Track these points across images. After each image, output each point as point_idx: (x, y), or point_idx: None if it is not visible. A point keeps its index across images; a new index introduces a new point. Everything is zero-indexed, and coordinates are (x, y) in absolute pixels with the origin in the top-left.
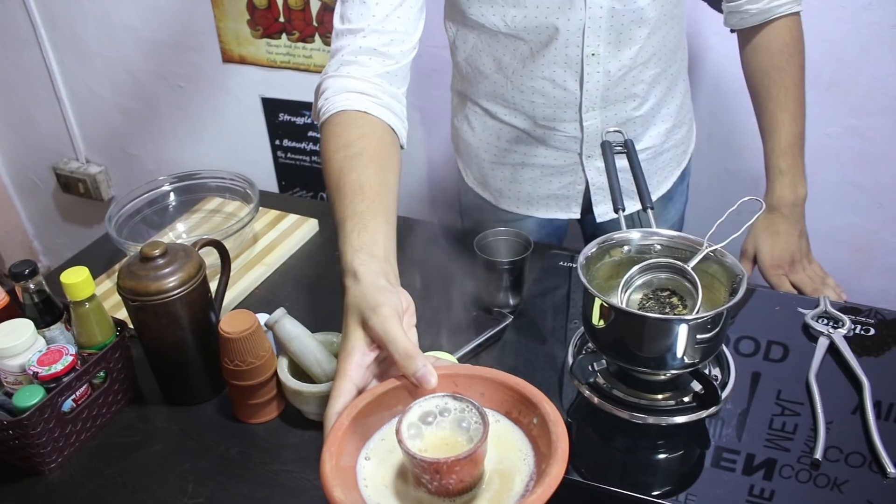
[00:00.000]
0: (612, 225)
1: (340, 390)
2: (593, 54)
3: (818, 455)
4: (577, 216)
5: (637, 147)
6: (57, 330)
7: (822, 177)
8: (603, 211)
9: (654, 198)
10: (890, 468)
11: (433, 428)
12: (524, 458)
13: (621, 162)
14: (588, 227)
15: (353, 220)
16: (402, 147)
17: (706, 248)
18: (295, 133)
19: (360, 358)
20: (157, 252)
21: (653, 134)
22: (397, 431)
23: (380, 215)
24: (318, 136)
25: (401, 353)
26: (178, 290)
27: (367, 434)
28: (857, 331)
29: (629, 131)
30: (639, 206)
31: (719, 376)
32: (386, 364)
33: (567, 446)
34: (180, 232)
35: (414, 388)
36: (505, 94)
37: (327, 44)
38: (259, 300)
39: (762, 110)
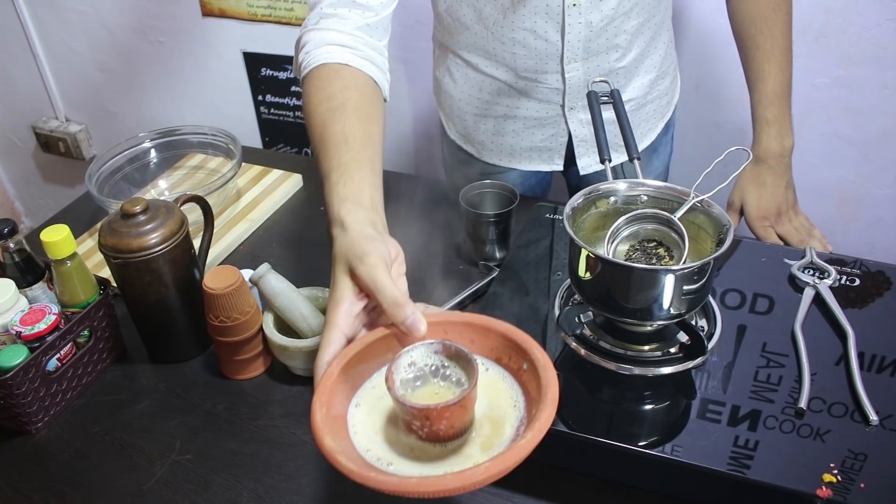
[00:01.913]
0: (597, 177)
1: (329, 340)
2: (574, 4)
3: (802, 405)
4: (560, 168)
5: None
6: (39, 289)
7: (809, 129)
8: (587, 163)
9: (641, 146)
10: (872, 416)
11: (423, 375)
12: (514, 405)
13: (606, 114)
14: (572, 179)
15: (338, 171)
16: (385, 100)
17: (693, 198)
18: (278, 88)
19: (348, 307)
20: (138, 208)
21: (636, 85)
22: (387, 378)
23: (365, 165)
24: (301, 91)
25: (389, 302)
26: (161, 247)
27: (357, 383)
28: (842, 281)
29: (612, 83)
30: (623, 159)
31: (706, 327)
32: (375, 314)
33: (557, 391)
34: (162, 189)
35: (403, 337)
36: (486, 45)
37: None
38: (243, 256)
39: (748, 60)
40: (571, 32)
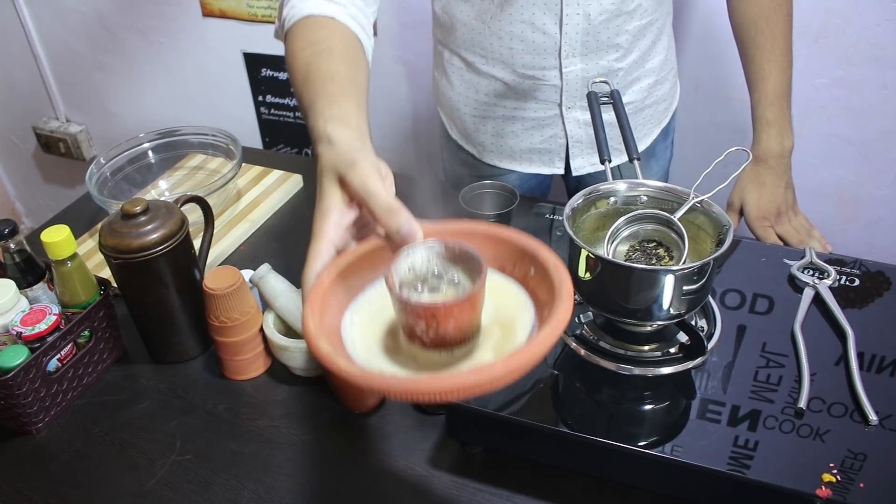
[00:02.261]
0: (591, 180)
1: (318, 251)
2: None
3: (802, 405)
4: (561, 171)
5: None
6: (40, 290)
7: (808, 129)
8: (580, 164)
9: (642, 147)
10: (872, 416)
11: (424, 278)
12: (523, 310)
13: (605, 115)
14: (572, 182)
15: (323, 101)
16: (368, 63)
17: (693, 198)
18: (278, 89)
19: (337, 218)
20: (138, 209)
21: (635, 89)
22: (387, 279)
23: (352, 99)
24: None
25: (382, 208)
26: (161, 247)
27: (350, 296)
28: (842, 281)
29: (612, 85)
30: (621, 161)
31: (705, 327)
32: (366, 230)
33: (571, 288)
34: (163, 189)
35: (398, 247)
36: (483, 41)
37: None
38: (244, 257)
39: (749, 60)
40: (569, 24)
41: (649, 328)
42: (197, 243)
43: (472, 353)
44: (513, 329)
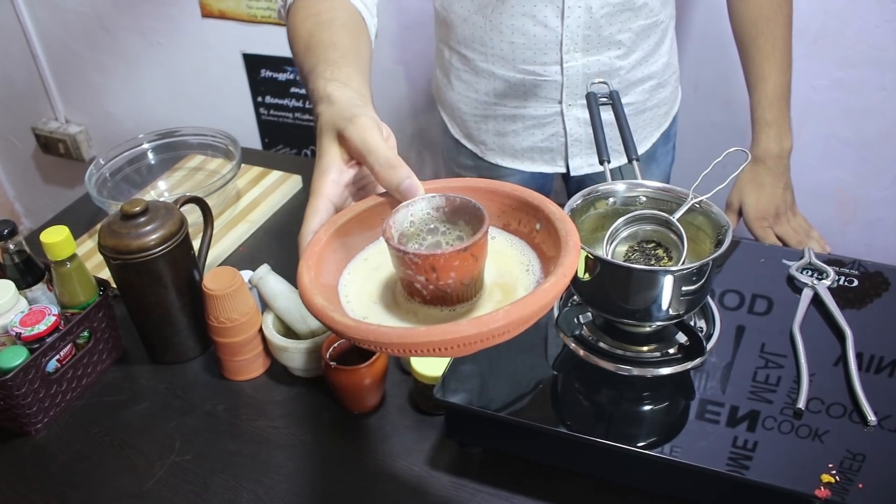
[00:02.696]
0: (590, 180)
1: (316, 208)
2: None
3: (801, 405)
4: (563, 169)
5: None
6: (39, 290)
7: (807, 130)
8: (578, 164)
9: (641, 150)
10: (871, 417)
11: (424, 232)
12: (527, 269)
13: (604, 115)
14: (572, 185)
15: (324, 64)
16: (371, 41)
17: (691, 199)
18: (277, 89)
19: (336, 175)
20: (137, 209)
21: (637, 90)
22: (384, 231)
23: (353, 65)
24: (302, 91)
25: (382, 164)
26: (160, 248)
27: (349, 254)
28: (840, 282)
29: (612, 84)
30: (621, 163)
31: (704, 328)
32: (366, 190)
33: (578, 240)
34: (162, 190)
35: (398, 204)
36: (483, 36)
37: None
38: (243, 257)
39: (749, 61)
40: (571, 17)
41: (648, 329)
42: (196, 244)
43: (472, 313)
44: (514, 291)
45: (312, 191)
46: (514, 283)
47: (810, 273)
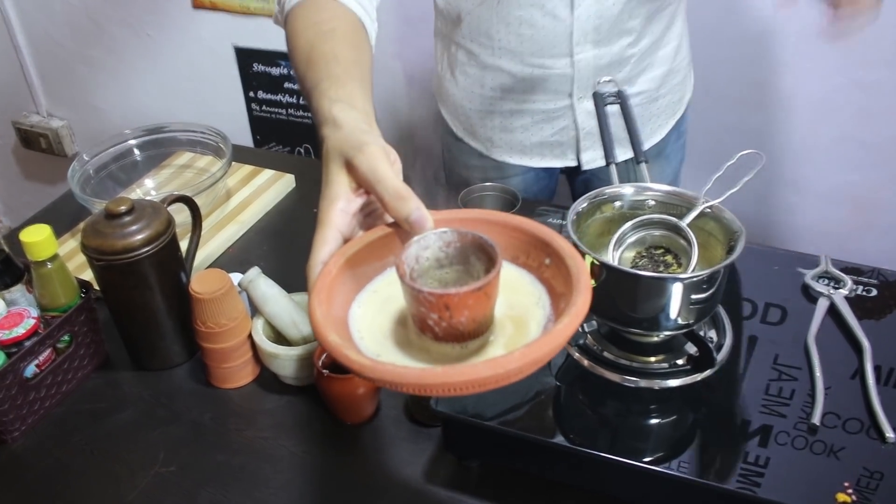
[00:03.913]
0: (599, 178)
1: (324, 238)
2: None
3: (816, 420)
4: (575, 163)
5: (630, 91)
6: (18, 292)
7: (823, 132)
8: (591, 157)
9: (647, 146)
10: (889, 433)
11: (435, 266)
12: (537, 302)
13: (612, 107)
14: (579, 185)
15: (327, 82)
16: (371, 47)
17: (702, 203)
18: (270, 84)
19: (344, 204)
20: (123, 208)
21: (648, 77)
22: (398, 267)
23: (356, 81)
24: (296, 87)
25: (391, 194)
26: (146, 249)
27: (358, 286)
28: (858, 291)
29: (623, 72)
30: (631, 155)
31: (715, 338)
32: (373, 217)
33: (589, 279)
34: (148, 188)
35: (407, 236)
36: (489, 29)
37: None
38: (232, 259)
39: None
40: (582, 6)
41: (656, 338)
42: (184, 245)
43: (485, 348)
44: (526, 325)
45: (320, 221)
46: (526, 317)
47: (826, 281)
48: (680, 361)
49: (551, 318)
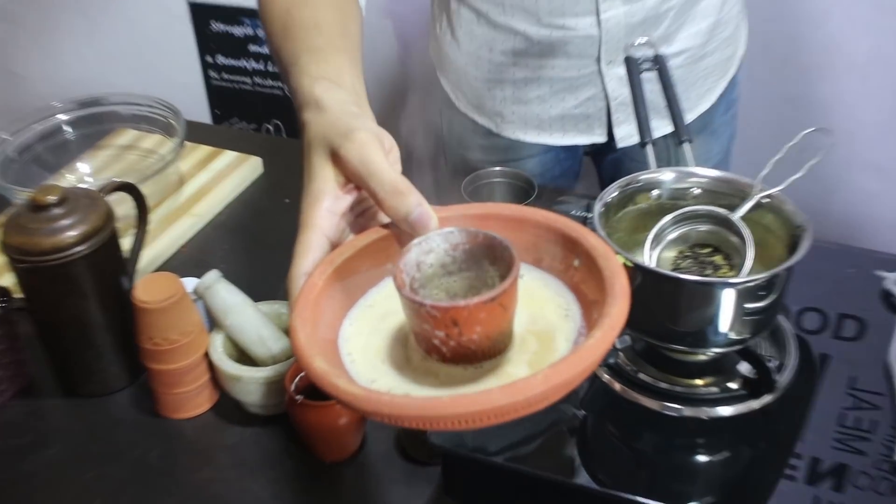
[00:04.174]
0: (632, 159)
1: (308, 245)
2: None
3: None
4: (603, 139)
5: (670, 50)
6: None
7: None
8: (626, 133)
9: (691, 117)
10: None
11: (440, 273)
12: (566, 314)
13: (648, 74)
14: (607, 169)
15: (308, 55)
16: (361, 14)
17: (759, 192)
18: (232, 47)
19: (331, 203)
20: (52, 199)
21: (691, 33)
22: (395, 277)
23: (343, 53)
24: (263, 50)
25: (387, 189)
26: (81, 248)
27: (349, 300)
28: None
29: (660, 30)
30: (670, 130)
31: (775, 357)
32: (366, 217)
33: (626, 283)
34: (83, 174)
35: (407, 238)
36: None
37: None
38: (186, 261)
39: None
40: None
41: (703, 357)
42: (126, 244)
43: (503, 369)
44: (552, 339)
45: (303, 223)
46: (552, 331)
47: None
48: (732, 385)
49: (583, 332)
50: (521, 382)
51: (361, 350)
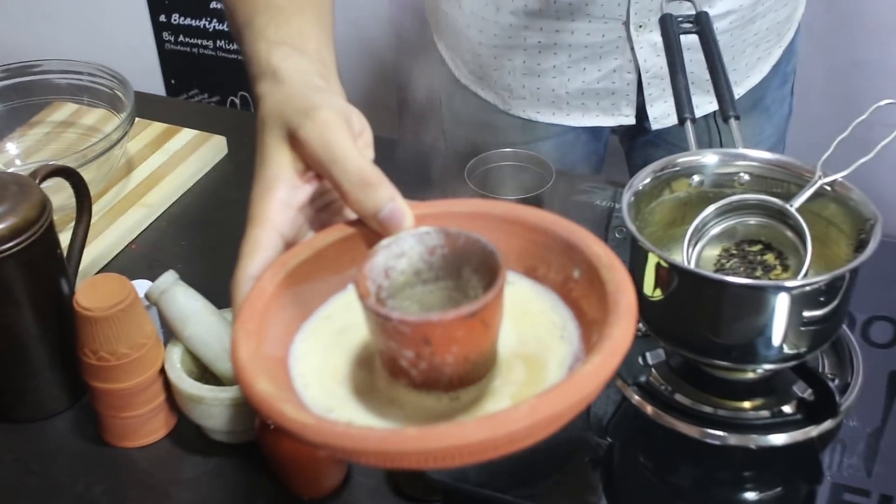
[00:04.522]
0: (673, 145)
1: (257, 243)
2: None
3: None
4: (631, 120)
5: (714, 12)
6: None
7: None
8: (661, 111)
9: (740, 92)
10: None
11: (413, 282)
12: (561, 334)
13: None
14: (638, 152)
15: (266, 14)
16: None
17: (819, 178)
18: (189, 4)
19: (286, 194)
20: None
21: None
22: (357, 283)
23: (307, 12)
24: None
25: (353, 179)
26: (10, 245)
27: (304, 311)
28: None
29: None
30: (712, 108)
31: (837, 376)
32: (328, 213)
33: (633, 299)
34: (12, 156)
35: (376, 238)
36: None
37: None
38: (137, 260)
39: None
40: None
41: (752, 375)
42: (65, 239)
43: (483, 400)
44: (543, 366)
45: (251, 217)
46: (543, 355)
47: None
48: (787, 409)
49: (580, 357)
50: (501, 414)
51: (316, 371)
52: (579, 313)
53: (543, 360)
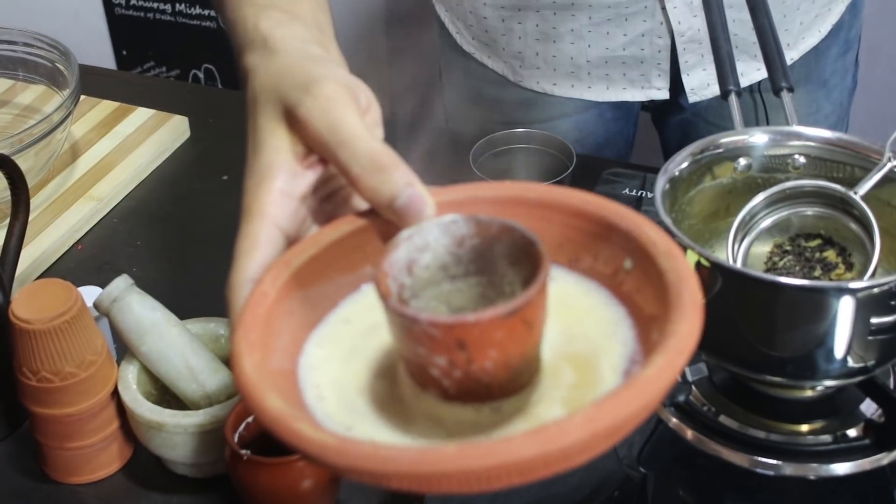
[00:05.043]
0: (713, 124)
1: (254, 240)
2: None
3: None
4: (664, 94)
5: None
6: None
7: None
8: (699, 81)
9: (793, 56)
10: None
11: (439, 279)
12: (613, 332)
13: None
14: (673, 132)
15: None
16: None
17: (889, 160)
18: None
19: (285, 182)
20: None
21: None
22: (377, 281)
23: None
24: None
25: (364, 163)
26: None
27: (314, 316)
28: None
29: None
30: (758, 77)
31: None
32: (335, 202)
33: (699, 290)
34: None
35: (392, 230)
36: None
37: None
38: (84, 263)
39: None
40: None
41: (810, 393)
42: None
43: (529, 410)
44: (595, 369)
45: (246, 210)
46: (595, 356)
47: None
48: (852, 433)
49: (637, 359)
50: (553, 426)
51: (333, 383)
52: (633, 309)
53: (594, 361)
